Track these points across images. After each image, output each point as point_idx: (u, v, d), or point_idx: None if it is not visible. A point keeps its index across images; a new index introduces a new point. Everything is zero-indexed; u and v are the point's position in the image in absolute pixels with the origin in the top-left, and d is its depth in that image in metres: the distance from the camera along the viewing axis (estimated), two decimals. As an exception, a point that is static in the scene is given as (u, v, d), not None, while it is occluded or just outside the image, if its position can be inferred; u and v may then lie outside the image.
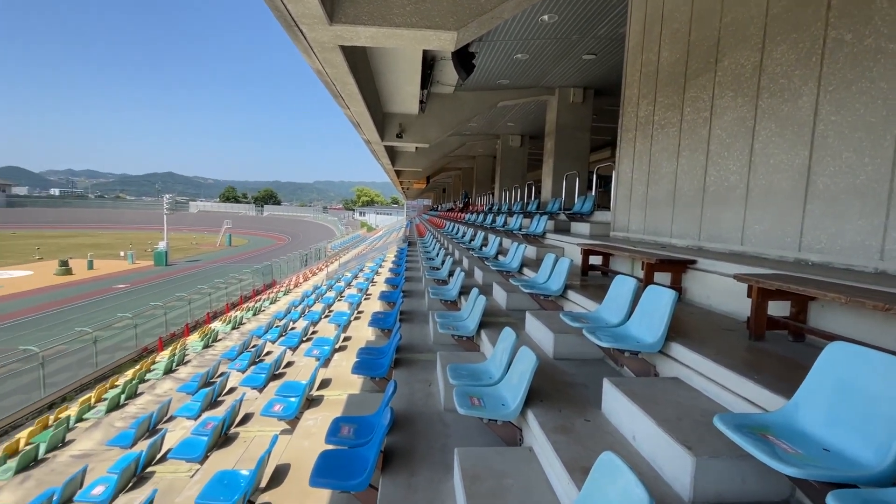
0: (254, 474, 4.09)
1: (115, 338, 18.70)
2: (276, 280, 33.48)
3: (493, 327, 5.34)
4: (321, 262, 40.71)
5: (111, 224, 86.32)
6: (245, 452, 5.60)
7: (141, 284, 33.51)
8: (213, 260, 47.79)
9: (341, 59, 6.53)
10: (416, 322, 7.63)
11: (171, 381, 12.99)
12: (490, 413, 3.23)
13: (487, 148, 21.94)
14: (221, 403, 8.92)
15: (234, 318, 19.84)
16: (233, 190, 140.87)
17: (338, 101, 9.30)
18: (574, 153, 12.02)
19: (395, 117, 13.20)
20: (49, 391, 14.03)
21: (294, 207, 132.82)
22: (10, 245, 51.74)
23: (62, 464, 8.74)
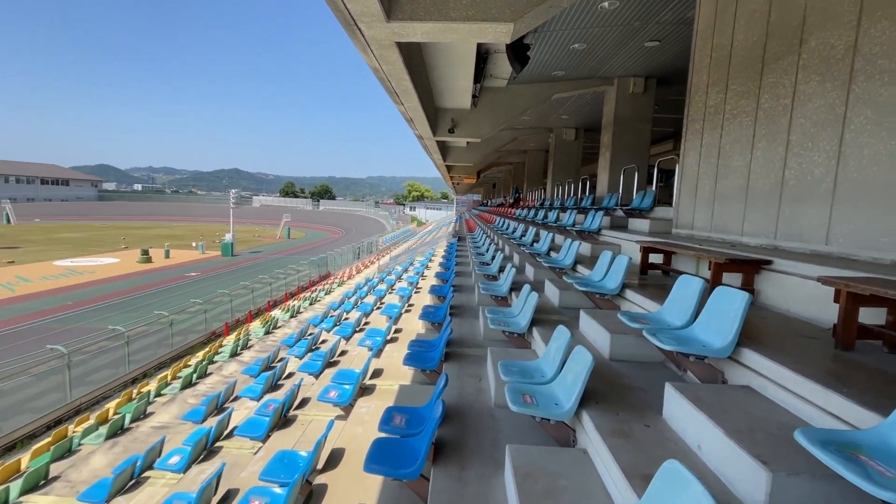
0: (312, 456, 4.29)
1: (188, 321, 20.33)
2: (330, 272, 34.86)
3: (545, 325, 5.25)
4: (373, 256, 41.86)
5: (184, 216, 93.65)
6: (303, 435, 5.90)
7: (210, 273, 36.13)
8: (273, 251, 50.56)
9: (397, 56, 6.63)
10: (465, 317, 7.65)
11: (236, 363, 13.94)
12: (543, 412, 3.18)
13: (540, 142, 21.48)
14: (281, 387, 9.45)
15: (292, 307, 20.91)
16: (292, 185, 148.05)
17: (392, 97, 9.47)
18: (633, 146, 11.48)
19: (447, 112, 13.24)
20: (132, 367, 15.53)
21: (348, 202, 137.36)
22: (100, 235, 57.62)
23: (143, 433, 9.67)
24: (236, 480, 5.26)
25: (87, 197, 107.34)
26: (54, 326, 20.82)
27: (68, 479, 8.07)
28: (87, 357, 15.08)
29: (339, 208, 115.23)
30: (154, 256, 40.69)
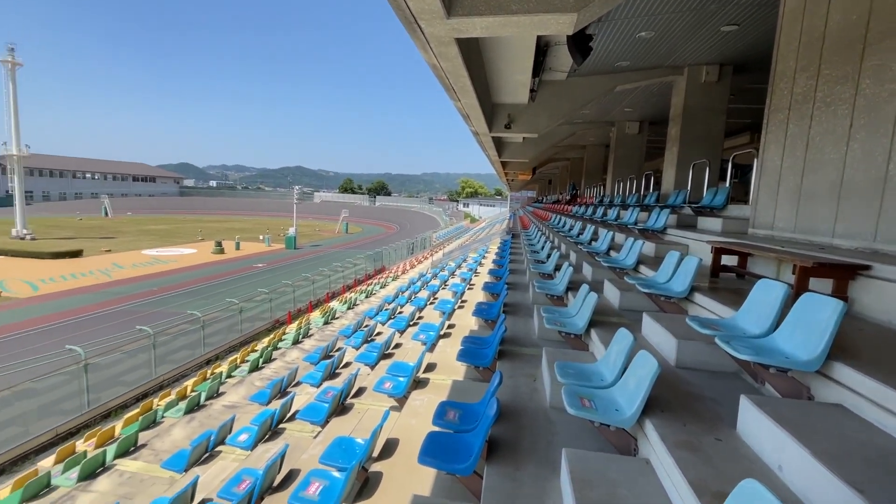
0: (368, 444, 4.44)
1: (255, 309, 21.75)
2: (385, 266, 35.81)
3: (604, 327, 5.05)
4: (426, 251, 42.45)
5: (253, 211, 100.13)
6: (359, 423, 6.13)
7: (275, 264, 38.39)
8: (332, 245, 52.77)
9: (456, 52, 6.63)
10: (519, 315, 7.55)
11: (298, 350, 14.72)
12: (602, 417, 3.06)
13: (600, 136, 20.66)
14: (339, 375, 9.86)
15: (349, 299, 21.73)
16: (350, 182, 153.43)
17: (449, 93, 9.50)
18: (704, 139, 10.72)
19: (504, 107, 13.08)
20: (207, 349, 16.89)
21: (403, 198, 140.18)
22: (180, 228, 63.07)
23: (216, 411, 10.49)
24: (298, 461, 5.56)
25: (170, 193, 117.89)
26: (142, 310, 23.11)
27: (153, 447, 8.94)
28: (169, 338, 16.61)
29: (394, 204, 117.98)
30: (226, 248, 43.93)
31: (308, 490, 4.06)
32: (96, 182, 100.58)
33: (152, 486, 7.44)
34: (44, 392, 12.34)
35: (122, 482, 7.71)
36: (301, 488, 4.10)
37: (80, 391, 12.27)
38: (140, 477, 7.81)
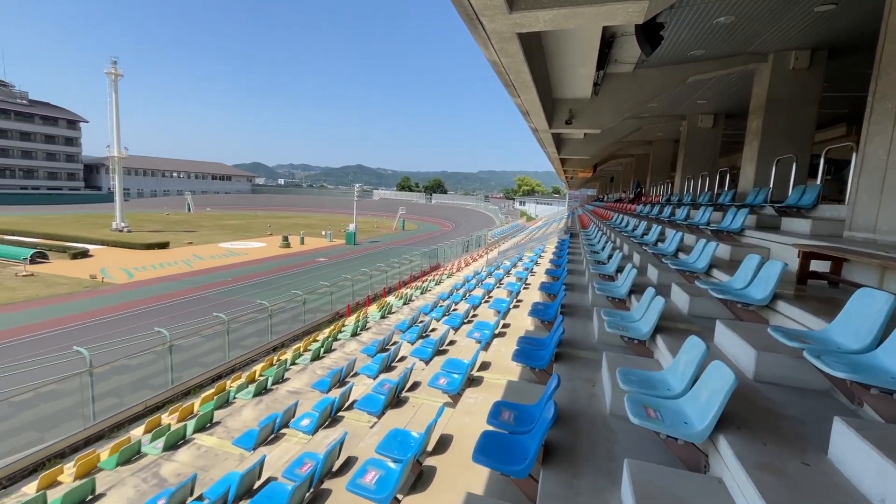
0: (423, 438, 4.51)
1: (317, 301, 22.87)
2: (440, 263, 36.18)
3: (671, 333, 4.77)
4: (481, 249, 42.35)
5: (316, 208, 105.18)
6: (414, 416, 6.24)
7: (336, 259, 40.10)
8: (389, 242, 54.18)
9: (517, 48, 6.52)
10: (578, 317, 7.32)
11: (356, 342, 15.28)
12: (669, 429, 2.88)
13: (668, 131, 19.47)
14: (394, 369, 10.11)
15: (405, 295, 22.21)
16: (407, 180, 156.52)
17: (509, 90, 9.37)
18: (791, 132, 9.75)
19: (564, 103, 12.69)
20: (273, 337, 18.00)
21: (458, 196, 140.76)
22: (252, 223, 67.67)
23: (281, 395, 11.16)
24: (355, 449, 5.78)
25: (243, 190, 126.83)
26: (217, 298, 25.09)
27: (226, 425, 9.69)
28: (240, 325, 17.88)
29: (450, 202, 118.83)
30: (292, 242, 46.56)
31: (365, 478, 4.20)
32: (181, 180, 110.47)
33: (225, 461, 8.06)
34: (136, 368, 13.79)
35: (200, 455, 8.42)
36: (359, 476, 4.25)
37: (166, 369, 13.56)
38: (214, 451, 8.49)
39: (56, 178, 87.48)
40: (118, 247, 39.80)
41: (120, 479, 7.89)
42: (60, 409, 11.56)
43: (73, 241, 39.33)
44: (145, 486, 7.57)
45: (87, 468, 8.50)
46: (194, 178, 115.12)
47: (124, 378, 13.39)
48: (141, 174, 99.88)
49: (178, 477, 7.70)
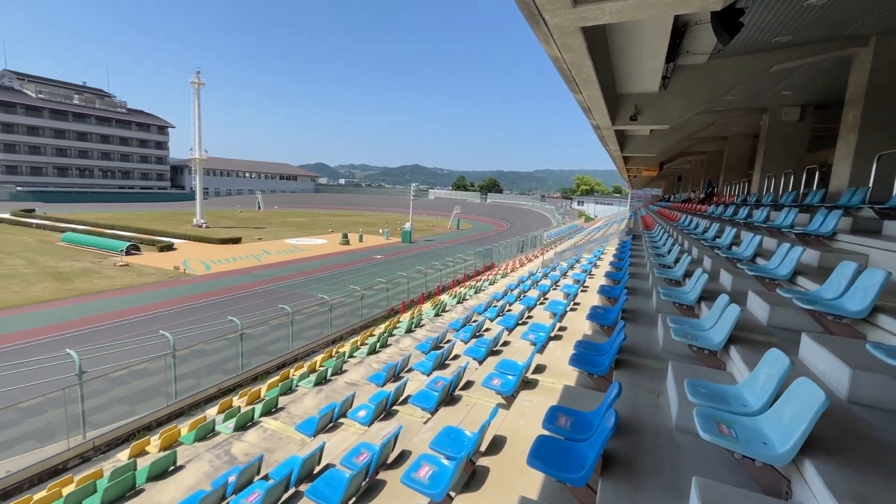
0: (477, 437, 4.51)
1: (374, 297, 23.58)
2: (494, 263, 35.96)
3: (748, 345, 4.41)
4: (537, 250, 41.57)
5: (374, 207, 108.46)
6: (467, 415, 6.26)
7: (392, 256, 41.13)
8: (444, 241, 54.69)
9: (580, 42, 6.30)
10: (640, 323, 6.97)
11: (410, 339, 15.59)
12: (746, 448, 2.67)
13: (746, 125, 17.99)
14: (448, 367, 10.20)
15: (458, 294, 22.31)
16: (463, 179, 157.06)
17: (570, 86, 9.10)
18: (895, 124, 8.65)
19: (629, 98, 12.11)
20: (333, 330, 18.81)
21: (513, 195, 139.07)
22: (315, 220, 71.13)
23: (339, 386, 11.64)
24: (409, 444, 5.89)
25: (307, 189, 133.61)
26: (282, 291, 26.63)
27: (289, 411, 10.27)
28: (303, 317, 18.85)
29: (505, 201, 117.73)
30: (351, 240, 48.39)
31: (419, 472, 4.27)
32: (252, 180, 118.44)
33: (288, 445, 8.55)
34: (212, 353, 14.98)
35: (266, 437, 9.00)
36: (413, 470, 4.33)
37: (237, 355, 14.61)
38: (279, 435, 9.03)
39: (147, 178, 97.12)
40: (198, 241, 43.43)
41: (197, 453, 8.61)
42: (148, 387, 12.83)
43: (160, 235, 43.49)
44: (218, 461, 8.21)
45: (170, 441, 9.37)
46: (264, 178, 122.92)
47: (202, 361, 14.59)
48: (218, 174, 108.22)
49: (246, 456, 8.28)
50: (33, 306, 21.46)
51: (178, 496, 7.08)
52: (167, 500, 7.09)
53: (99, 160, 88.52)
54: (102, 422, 11.22)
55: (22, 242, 37.76)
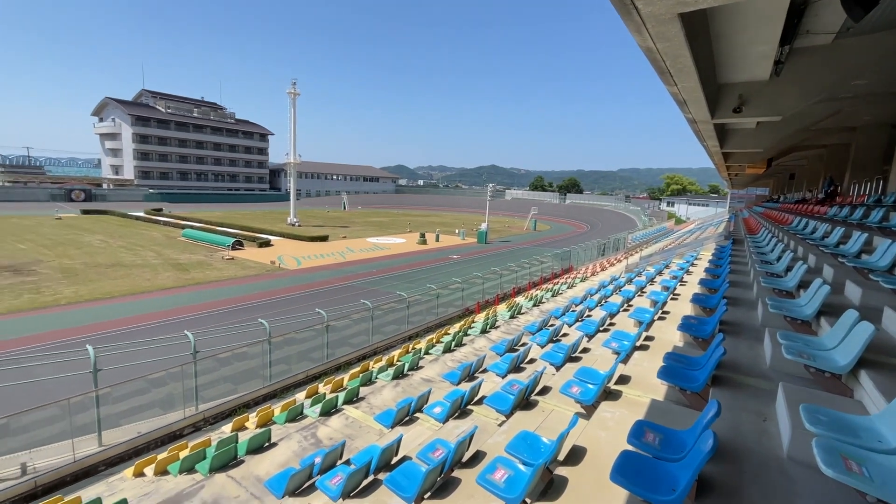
0: (555, 445, 4.36)
1: (449, 296, 23.93)
2: (573, 266, 34.67)
3: (884, 370, 3.78)
4: (620, 253, 39.33)
5: (451, 207, 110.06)
6: (544, 421, 6.09)
7: (467, 257, 41.43)
8: (520, 242, 53.90)
9: (677, 30, 5.84)
10: (742, 336, 6.30)
11: (485, 340, 15.57)
12: (882, 492, 2.28)
13: (880, 113, 15.41)
14: (523, 370, 10.02)
15: (535, 296, 21.83)
16: (541, 179, 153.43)
17: (663, 78, 8.46)
18: None
19: (733, 88, 10.98)
20: (409, 326, 19.40)
21: (595, 196, 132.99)
22: (394, 220, 73.96)
23: (416, 382, 11.97)
24: (483, 444, 5.87)
25: (388, 190, 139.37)
26: (364, 286, 28.03)
27: (369, 401, 10.77)
28: (382, 313, 19.67)
29: (585, 202, 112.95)
30: (428, 239, 49.59)
31: (494, 474, 4.23)
32: (338, 182, 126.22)
33: (367, 434, 8.98)
34: (300, 342, 16.21)
35: (348, 424, 9.53)
36: (488, 471, 4.30)
37: (323, 345, 15.67)
38: (359, 423, 9.52)
39: (250, 181, 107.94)
40: (291, 238, 47.30)
41: (287, 433, 9.37)
42: (248, 369, 14.22)
43: (260, 232, 48.06)
44: (305, 443, 8.86)
45: (265, 419, 10.30)
46: (349, 180, 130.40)
47: (292, 349, 15.85)
48: (309, 177, 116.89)
49: (330, 440, 8.84)
50: (159, 292, 24.87)
51: (271, 470, 7.75)
52: (262, 473, 7.80)
53: (212, 165, 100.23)
54: (211, 397, 12.66)
55: (152, 237, 43.92)
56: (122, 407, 11.76)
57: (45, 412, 10.14)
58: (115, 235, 43.64)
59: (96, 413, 10.47)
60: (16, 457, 9.84)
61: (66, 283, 25.21)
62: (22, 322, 19.13)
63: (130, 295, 23.95)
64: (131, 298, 23.40)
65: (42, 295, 22.87)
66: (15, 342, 16.81)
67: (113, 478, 9.19)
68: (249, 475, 7.83)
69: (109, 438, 10.54)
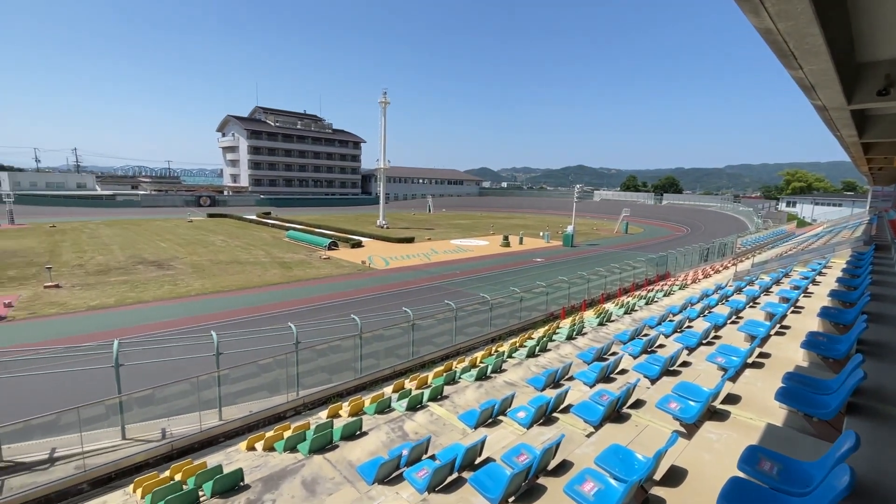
0: (650, 464, 4.07)
1: (533, 300, 23.47)
2: (669, 272, 32.03)
3: None
4: (727, 259, 35.49)
5: (536, 209, 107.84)
6: (637, 437, 5.71)
7: (552, 260, 40.28)
8: (609, 245, 51.08)
9: (805, 5, 5.13)
10: (889, 360, 5.36)
11: (571, 346, 15.01)
12: None
13: None
14: (614, 380, 9.48)
15: (626, 303, 20.54)
16: (634, 179, 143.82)
17: (785, 61, 7.46)
18: None
19: (877, 67, 9.32)
20: (492, 329, 19.37)
21: (696, 196, 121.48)
22: (477, 223, 74.39)
23: (498, 384, 11.92)
24: (570, 454, 5.67)
25: (472, 193, 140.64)
26: (448, 287, 28.57)
27: (453, 400, 10.96)
28: (466, 314, 19.90)
29: (685, 203, 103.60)
30: (511, 242, 49.12)
31: (583, 486, 4.07)
32: (424, 185, 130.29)
33: (451, 432, 9.15)
34: (388, 339, 17.01)
35: (432, 420, 9.80)
36: (577, 482, 4.15)
37: (408, 343, 16.28)
38: (443, 420, 9.74)
39: (345, 186, 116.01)
40: (380, 240, 49.87)
41: (376, 424, 9.90)
42: (341, 361, 15.27)
43: (352, 234, 51.38)
44: (393, 434, 9.28)
45: (356, 409, 10.98)
46: (434, 184, 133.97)
47: (381, 345, 16.70)
48: (396, 181, 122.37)
49: (416, 435, 9.16)
50: (267, 287, 27.72)
51: (362, 457, 8.25)
52: (354, 458, 8.33)
53: (312, 172, 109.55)
54: (309, 384, 13.82)
55: (262, 238, 49.14)
56: (238, 387, 13.30)
57: (179, 387, 11.85)
58: (233, 236, 49.60)
59: (218, 391, 11.97)
60: (158, 423, 11.62)
61: (195, 277, 29.21)
62: (163, 309, 22.55)
63: (244, 289, 27.03)
64: (245, 292, 26.40)
65: (178, 287, 26.74)
66: (159, 325, 19.88)
67: (230, 448, 10.44)
68: (343, 459, 8.41)
69: (227, 414, 11.99)
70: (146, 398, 11.80)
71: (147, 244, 41.60)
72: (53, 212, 67.64)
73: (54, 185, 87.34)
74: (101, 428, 10.93)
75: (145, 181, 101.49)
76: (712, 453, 4.51)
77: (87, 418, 10.37)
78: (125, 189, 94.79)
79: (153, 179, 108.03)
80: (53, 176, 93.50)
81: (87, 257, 34.46)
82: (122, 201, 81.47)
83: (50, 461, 9.97)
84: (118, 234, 47.51)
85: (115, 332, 18.09)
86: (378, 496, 6.32)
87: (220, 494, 7.53)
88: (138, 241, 43.02)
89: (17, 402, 12.20)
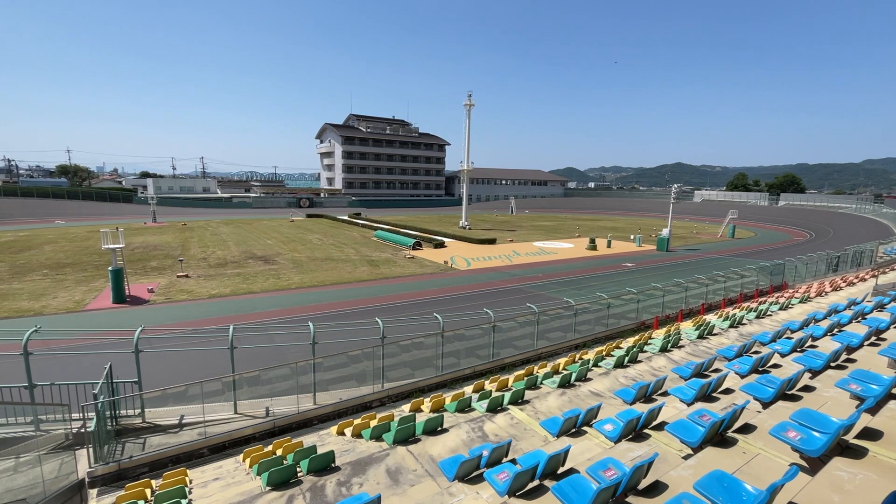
0: (764, 497, 3.61)
1: (622, 307, 22.12)
2: (787, 282, 28.19)
3: None
4: (864, 270, 30.33)
5: (626, 211, 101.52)
6: (745, 465, 5.10)
7: (644, 265, 37.60)
8: (712, 251, 46.34)
9: None
10: None
11: (665, 359, 13.87)
12: None
13: None
14: (716, 400, 8.59)
15: (732, 316, 18.47)
16: (743, 177, 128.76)
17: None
18: None
19: None
20: (576, 335, 18.60)
21: (823, 196, 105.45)
22: (562, 224, 71.97)
23: (583, 393, 11.42)
24: (664, 475, 5.24)
25: (556, 194, 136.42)
26: (529, 290, 28.01)
27: (534, 406, 10.73)
28: (548, 318, 19.36)
29: (808, 203, 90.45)
30: (598, 245, 46.75)
31: (681, 512, 3.74)
32: (507, 186, 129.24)
33: (532, 438, 8.96)
34: (469, 339, 17.13)
35: (512, 424, 9.68)
36: (673, 506, 3.83)
37: (489, 344, 16.26)
38: (524, 425, 9.57)
39: (429, 187, 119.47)
40: (462, 240, 50.48)
41: (457, 422, 10.03)
42: (423, 357, 15.72)
43: (435, 234, 52.66)
44: (473, 434, 9.33)
45: (438, 406, 11.23)
46: (517, 185, 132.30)
47: (461, 344, 16.88)
48: (479, 182, 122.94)
49: (496, 437, 9.12)
50: (357, 283, 29.48)
51: (443, 453, 8.42)
52: (435, 453, 8.53)
53: (399, 175, 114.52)
54: (394, 378, 14.42)
55: (353, 237, 52.39)
56: (330, 375, 14.31)
57: (281, 370, 13.08)
58: (327, 235, 53.56)
59: (313, 377, 12.99)
60: (262, 401, 12.93)
61: (295, 272, 32.03)
62: (269, 299, 25.06)
63: (337, 284, 29.02)
64: (338, 287, 28.33)
65: (281, 280, 29.53)
66: (265, 314, 22.14)
67: (322, 432, 11.27)
68: (424, 453, 8.65)
69: (320, 399, 12.97)
70: (254, 378, 13.19)
71: (256, 241, 46.55)
72: (184, 212, 78.85)
73: (186, 189, 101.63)
74: (218, 402, 12.46)
75: (256, 184, 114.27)
76: (843, 494, 3.88)
77: (208, 392, 11.90)
78: (240, 192, 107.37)
79: (262, 183, 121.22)
80: (185, 181, 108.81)
81: (209, 252, 39.54)
82: (237, 203, 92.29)
83: (179, 426, 11.60)
84: (233, 232, 53.84)
85: (230, 318, 20.53)
86: (458, 493, 6.40)
87: (314, 472, 8.18)
88: (249, 238, 48.33)
89: (157, 373, 14.37)
